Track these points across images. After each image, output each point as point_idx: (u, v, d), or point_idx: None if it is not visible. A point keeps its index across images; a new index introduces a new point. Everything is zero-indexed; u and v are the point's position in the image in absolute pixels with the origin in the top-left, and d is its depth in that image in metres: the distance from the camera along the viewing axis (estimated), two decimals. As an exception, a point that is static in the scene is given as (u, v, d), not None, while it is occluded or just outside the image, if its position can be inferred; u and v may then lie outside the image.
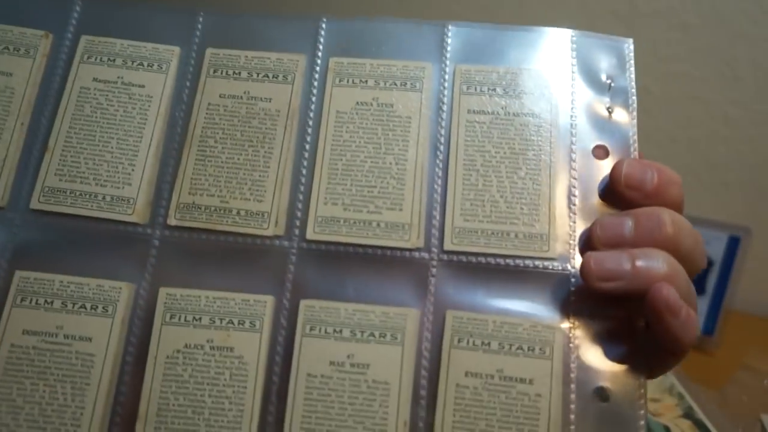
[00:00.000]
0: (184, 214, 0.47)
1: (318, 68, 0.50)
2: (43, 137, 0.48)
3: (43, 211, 0.46)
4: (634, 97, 0.49)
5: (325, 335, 0.44)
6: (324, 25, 0.51)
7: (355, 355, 0.44)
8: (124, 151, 0.48)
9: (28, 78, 0.49)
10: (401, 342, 0.44)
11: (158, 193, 0.47)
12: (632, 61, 0.50)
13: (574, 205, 0.46)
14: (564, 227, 0.46)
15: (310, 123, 0.49)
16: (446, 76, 0.50)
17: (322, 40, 0.51)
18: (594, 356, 0.43)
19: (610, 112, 0.49)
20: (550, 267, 0.45)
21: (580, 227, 0.46)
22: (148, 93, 0.49)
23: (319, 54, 0.50)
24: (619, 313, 0.44)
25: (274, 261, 0.46)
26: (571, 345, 0.44)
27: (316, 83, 0.50)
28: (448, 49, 0.50)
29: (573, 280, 0.45)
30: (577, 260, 0.45)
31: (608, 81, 0.50)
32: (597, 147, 0.48)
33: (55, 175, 0.47)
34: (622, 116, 0.49)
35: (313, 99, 0.49)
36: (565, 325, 0.44)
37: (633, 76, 0.50)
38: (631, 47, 0.50)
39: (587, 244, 0.45)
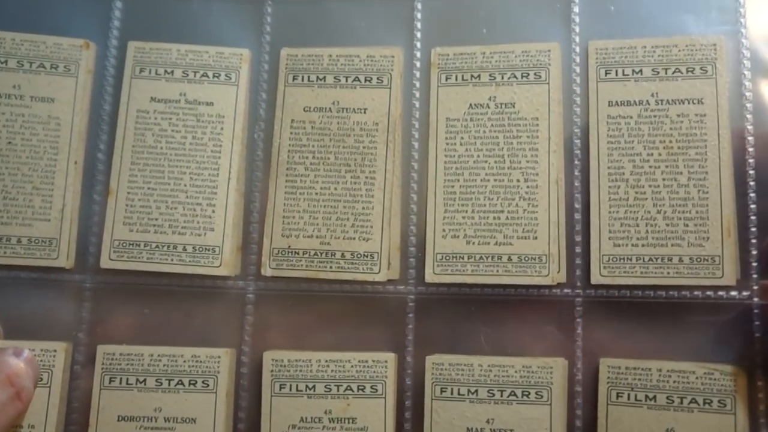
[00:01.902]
0: (279, 262, 0.39)
1: (418, 64, 0.41)
2: (103, 177, 0.41)
3: (117, 269, 0.40)
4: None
5: (458, 397, 0.38)
6: (419, 5, 0.41)
7: (496, 419, 0.37)
8: (200, 188, 0.40)
9: (73, 103, 0.41)
10: (548, 400, 0.37)
11: (247, 237, 0.40)
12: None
13: (754, 215, 0.38)
14: (742, 245, 0.37)
15: (416, 136, 0.40)
16: (577, 59, 0.40)
17: (419, 25, 0.41)
18: (789, 408, 0.36)
19: None
20: (726, 297, 0.37)
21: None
22: (219, 112, 0.41)
23: (418, 45, 0.41)
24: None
25: (391, 310, 0.39)
26: (759, 395, 0.36)
27: (417, 84, 0.41)
28: (576, 20, 0.40)
29: (756, 311, 0.37)
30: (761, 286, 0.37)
31: None
32: None
33: (124, 224, 0.40)
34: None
35: (417, 105, 0.40)
36: (750, 369, 0.36)
37: None
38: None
39: (770, 264, 0.37)
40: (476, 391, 0.38)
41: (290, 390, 0.38)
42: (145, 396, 0.39)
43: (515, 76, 0.40)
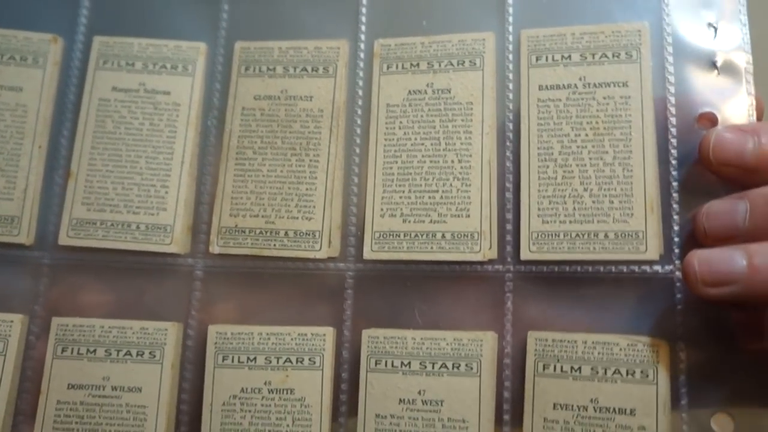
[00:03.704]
0: (227, 240, 0.41)
1: (362, 55, 0.43)
2: (65, 161, 0.43)
3: (74, 246, 0.42)
4: (749, 45, 0.40)
5: (392, 369, 0.39)
6: (364, 1, 0.44)
7: (427, 390, 0.39)
8: (155, 170, 0.42)
9: (40, 92, 0.44)
10: (477, 372, 0.38)
11: (197, 217, 0.42)
12: (744, -1, 0.41)
13: (677, 192, 0.39)
14: (665, 221, 0.39)
15: (359, 122, 0.42)
16: (510, 47, 0.42)
17: (363, 19, 0.44)
18: (710, 378, 0.37)
19: (717, 68, 0.40)
20: (650, 271, 0.38)
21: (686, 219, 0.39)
22: (175, 100, 0.43)
23: (362, 37, 0.43)
24: (741, 323, 0.37)
25: (331, 286, 0.41)
26: (680, 366, 0.37)
27: (361, 73, 0.43)
28: (510, 11, 0.42)
29: (678, 285, 0.38)
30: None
31: (712, 27, 0.41)
32: (702, 115, 0.39)
33: (82, 204, 0.42)
34: (733, 72, 0.40)
35: (360, 93, 0.43)
36: (672, 341, 0.37)
37: (745, 17, 0.40)
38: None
39: (693, 239, 0.38)
40: (409, 363, 0.39)
41: (232, 361, 0.40)
42: (95, 365, 0.40)
43: (452, 64, 0.42)
